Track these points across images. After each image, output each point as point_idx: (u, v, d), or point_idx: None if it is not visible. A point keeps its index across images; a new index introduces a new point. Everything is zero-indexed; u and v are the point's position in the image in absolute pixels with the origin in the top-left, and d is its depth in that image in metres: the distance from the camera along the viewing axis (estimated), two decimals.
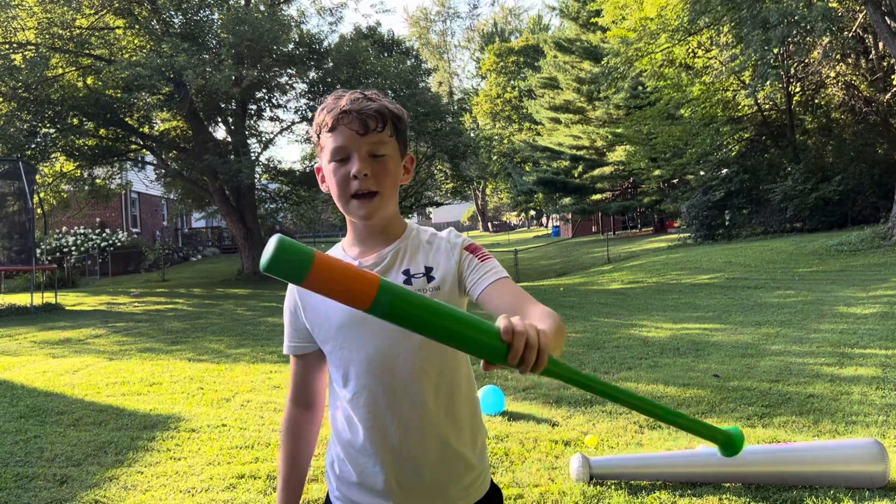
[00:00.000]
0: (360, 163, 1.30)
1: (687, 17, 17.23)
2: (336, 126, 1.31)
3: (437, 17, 66.77)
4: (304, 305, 1.40)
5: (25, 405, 5.40)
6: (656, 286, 13.16)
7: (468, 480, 1.38)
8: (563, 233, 41.36)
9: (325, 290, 0.92)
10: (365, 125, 1.30)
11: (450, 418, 1.35)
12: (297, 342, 1.44)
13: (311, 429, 1.49)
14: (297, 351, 1.45)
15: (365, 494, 1.37)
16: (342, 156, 1.31)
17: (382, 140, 1.33)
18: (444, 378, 1.35)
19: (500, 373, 6.10)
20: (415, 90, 19.15)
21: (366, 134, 1.30)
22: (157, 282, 19.84)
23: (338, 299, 0.93)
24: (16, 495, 3.49)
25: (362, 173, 1.29)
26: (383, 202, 1.34)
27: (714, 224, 21.42)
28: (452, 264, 1.36)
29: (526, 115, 43.21)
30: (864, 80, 21.16)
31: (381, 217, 1.36)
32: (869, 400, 4.51)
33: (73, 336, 9.42)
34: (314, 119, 1.39)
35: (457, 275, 1.35)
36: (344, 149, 1.31)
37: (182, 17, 17.39)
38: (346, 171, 1.31)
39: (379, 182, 1.32)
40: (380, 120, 1.32)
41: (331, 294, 0.92)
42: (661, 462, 3.39)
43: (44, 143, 16.82)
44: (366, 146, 1.31)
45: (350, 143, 1.30)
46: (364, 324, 1.32)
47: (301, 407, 1.47)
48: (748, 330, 7.54)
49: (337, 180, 1.32)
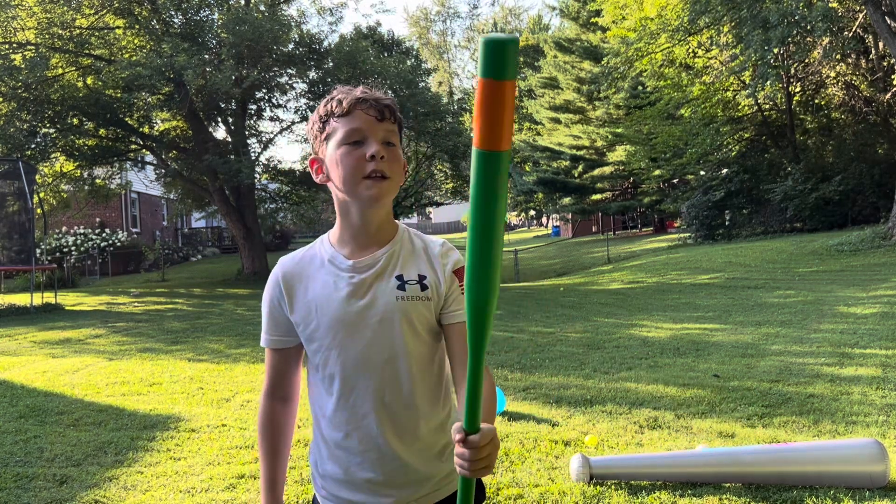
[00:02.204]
0: (378, 144, 1.31)
1: (687, 17, 17.23)
2: (352, 111, 1.32)
3: (437, 17, 66.76)
4: (290, 299, 1.38)
5: (25, 405, 5.39)
6: (656, 286, 13.16)
7: (449, 468, 1.40)
8: (563, 233, 41.35)
9: (505, 103, 0.76)
10: (382, 112, 1.33)
11: (433, 417, 1.38)
12: (278, 335, 1.42)
13: (289, 422, 1.49)
14: (277, 344, 1.43)
15: (352, 491, 1.38)
16: (357, 138, 1.32)
17: (394, 131, 1.36)
18: (428, 379, 1.37)
19: (499, 373, 6.10)
20: (415, 90, 19.14)
21: (382, 121, 1.33)
22: (157, 282, 19.84)
23: (502, 121, 0.77)
24: (16, 495, 3.49)
25: (380, 154, 1.30)
26: (392, 189, 1.35)
27: (714, 224, 21.42)
28: (441, 280, 1.37)
29: (526, 115, 43.17)
30: (864, 80, 21.16)
31: (383, 205, 1.36)
32: (869, 400, 4.51)
33: (73, 336, 9.41)
34: (316, 111, 1.39)
35: (443, 294, 1.37)
36: (360, 131, 1.32)
37: (182, 17, 17.38)
38: (360, 153, 1.31)
39: (392, 168, 1.33)
40: (392, 112, 1.35)
41: (505, 111, 0.76)
42: (661, 462, 3.39)
43: (44, 143, 16.81)
44: (381, 132, 1.33)
45: (367, 127, 1.32)
46: (356, 323, 1.34)
47: (278, 401, 1.46)
48: (748, 330, 7.54)
49: (350, 161, 1.31)
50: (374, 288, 1.35)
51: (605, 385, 5.40)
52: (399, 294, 1.34)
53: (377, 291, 1.35)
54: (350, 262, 1.36)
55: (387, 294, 1.34)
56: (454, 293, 1.37)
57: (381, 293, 1.35)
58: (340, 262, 1.37)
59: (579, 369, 6.08)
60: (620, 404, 4.76)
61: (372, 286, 1.35)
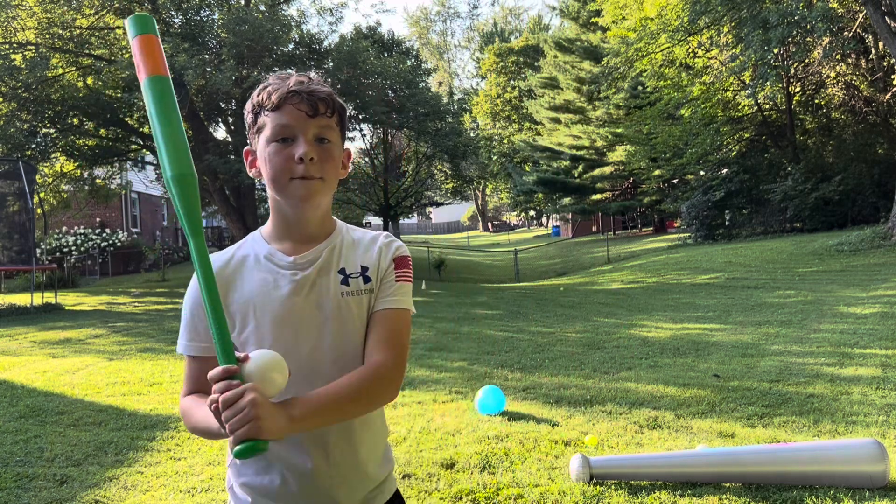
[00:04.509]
0: (306, 145, 1.23)
1: (687, 17, 17.24)
2: (282, 105, 1.24)
3: (437, 17, 66.87)
4: (227, 293, 1.28)
5: (25, 405, 5.39)
6: (656, 286, 13.16)
7: (380, 452, 1.37)
8: (563, 233, 41.36)
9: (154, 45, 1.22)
10: (314, 107, 1.25)
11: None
12: (198, 342, 1.29)
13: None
14: (198, 351, 1.30)
15: (286, 476, 1.29)
16: (286, 135, 1.24)
17: (330, 126, 1.28)
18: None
19: (500, 373, 6.10)
20: (415, 90, 19.16)
21: (314, 116, 1.25)
22: (157, 282, 19.83)
23: (155, 55, 1.21)
24: (16, 495, 3.49)
25: (308, 157, 1.23)
26: (325, 189, 1.28)
27: (714, 224, 21.42)
28: (382, 268, 1.32)
29: (526, 115, 43.21)
30: (864, 80, 21.16)
31: (316, 205, 1.29)
32: (869, 400, 4.51)
33: (73, 336, 9.41)
34: (250, 99, 1.30)
35: (380, 280, 1.32)
36: (289, 128, 1.24)
37: (182, 17, 17.38)
38: (289, 153, 1.24)
39: (324, 169, 1.26)
40: (329, 105, 1.27)
41: (156, 49, 1.22)
42: (661, 462, 3.39)
43: (44, 143, 16.83)
44: (314, 129, 1.25)
45: (296, 124, 1.24)
46: (301, 322, 1.27)
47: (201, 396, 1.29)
48: (748, 330, 7.54)
49: (278, 161, 1.24)
50: (317, 285, 1.29)
51: (605, 385, 5.40)
52: (343, 290, 1.29)
53: (321, 288, 1.29)
54: (290, 258, 1.29)
55: (331, 290, 1.29)
56: (389, 280, 1.32)
57: (325, 290, 1.28)
58: (280, 258, 1.30)
59: (579, 369, 6.08)
60: (620, 404, 4.76)
61: (315, 283, 1.29)
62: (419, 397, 5.27)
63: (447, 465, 3.67)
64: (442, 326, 9.33)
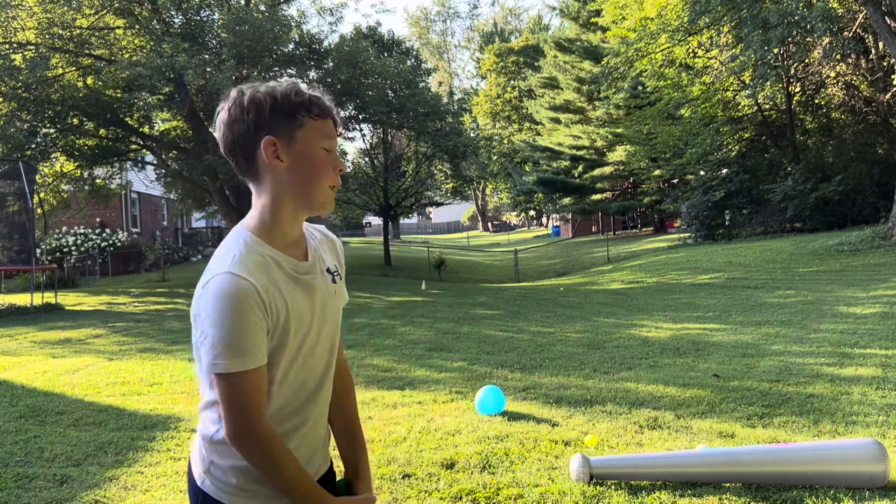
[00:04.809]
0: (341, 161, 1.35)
1: (687, 17, 17.24)
2: (329, 116, 1.33)
3: (437, 17, 66.90)
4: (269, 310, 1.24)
5: (25, 405, 5.39)
6: (656, 286, 13.16)
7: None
8: (563, 233, 41.36)
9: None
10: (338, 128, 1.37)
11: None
12: (263, 350, 1.25)
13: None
14: (263, 361, 1.26)
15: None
16: (330, 147, 1.33)
17: None
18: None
19: (500, 373, 6.10)
20: (415, 90, 19.15)
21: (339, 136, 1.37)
22: (157, 282, 19.83)
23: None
24: (16, 495, 3.49)
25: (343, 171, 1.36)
26: None
27: (714, 224, 21.42)
28: (342, 264, 1.49)
29: (526, 115, 43.22)
30: (864, 80, 21.16)
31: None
32: (869, 400, 4.51)
33: (73, 336, 9.41)
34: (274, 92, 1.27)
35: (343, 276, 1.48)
36: (334, 142, 1.34)
37: (182, 17, 17.37)
38: (335, 164, 1.33)
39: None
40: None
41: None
42: (661, 462, 3.39)
43: (44, 143, 16.81)
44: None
45: (334, 139, 1.35)
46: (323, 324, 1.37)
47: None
48: (748, 330, 7.54)
49: (325, 170, 1.32)
50: (319, 286, 1.36)
51: (605, 385, 5.40)
52: (333, 288, 1.40)
53: (323, 289, 1.37)
54: (304, 262, 1.35)
55: (327, 290, 1.38)
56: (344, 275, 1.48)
57: (323, 289, 1.37)
58: (293, 263, 1.32)
59: (579, 369, 6.08)
60: (620, 404, 4.76)
61: (316, 284, 1.36)
62: (419, 397, 5.27)
63: (447, 465, 3.67)
64: (442, 326, 9.33)
